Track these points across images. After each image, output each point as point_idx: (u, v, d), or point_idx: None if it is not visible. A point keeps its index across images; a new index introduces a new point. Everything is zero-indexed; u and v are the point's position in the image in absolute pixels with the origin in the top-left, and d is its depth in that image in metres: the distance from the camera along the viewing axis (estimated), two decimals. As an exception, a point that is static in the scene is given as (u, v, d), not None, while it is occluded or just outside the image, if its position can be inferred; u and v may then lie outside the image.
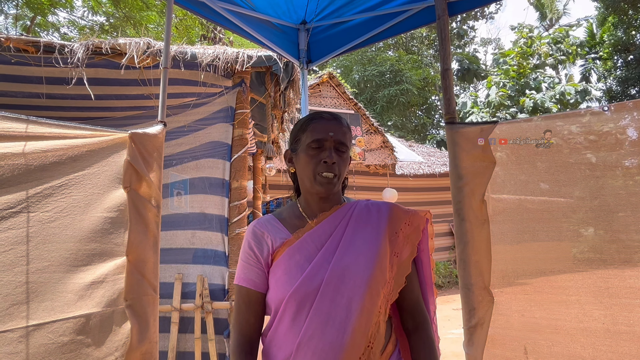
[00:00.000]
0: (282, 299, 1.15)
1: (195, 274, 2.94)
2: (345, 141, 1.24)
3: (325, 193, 1.22)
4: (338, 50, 2.56)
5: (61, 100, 3.18)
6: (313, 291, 1.13)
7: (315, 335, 1.10)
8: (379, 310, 1.15)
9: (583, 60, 20.18)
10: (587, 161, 1.50)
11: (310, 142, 1.22)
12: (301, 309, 1.13)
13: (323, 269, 1.15)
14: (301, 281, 1.14)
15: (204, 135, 3.13)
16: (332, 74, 8.84)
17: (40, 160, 1.35)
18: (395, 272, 1.21)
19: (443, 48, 1.84)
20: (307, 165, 1.22)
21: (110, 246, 1.45)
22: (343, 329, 1.10)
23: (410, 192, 10.57)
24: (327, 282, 1.13)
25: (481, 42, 28.50)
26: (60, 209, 1.36)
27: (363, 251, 1.18)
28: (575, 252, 1.54)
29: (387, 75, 19.66)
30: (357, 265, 1.15)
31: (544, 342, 1.58)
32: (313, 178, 1.21)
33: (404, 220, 1.27)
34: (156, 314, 1.56)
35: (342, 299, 1.12)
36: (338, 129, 1.23)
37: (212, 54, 2.84)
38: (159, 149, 1.67)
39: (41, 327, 1.24)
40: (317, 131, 1.23)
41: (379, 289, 1.15)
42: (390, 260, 1.20)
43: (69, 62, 2.70)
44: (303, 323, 1.12)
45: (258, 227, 1.27)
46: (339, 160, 1.21)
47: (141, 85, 2.99)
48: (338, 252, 1.17)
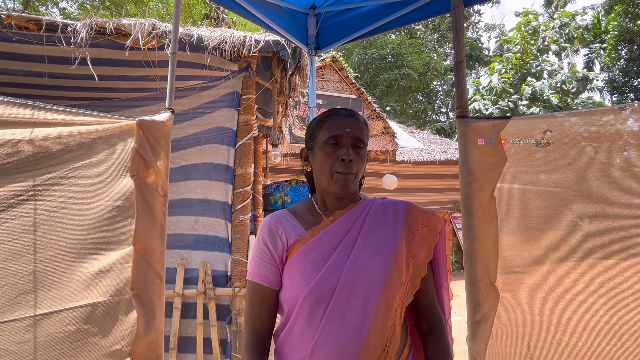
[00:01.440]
0: (296, 299, 1.13)
1: (198, 259, 2.93)
2: (362, 137, 1.21)
3: (342, 193, 1.19)
4: (348, 38, 2.51)
5: (63, 80, 3.13)
6: (328, 291, 1.11)
7: (330, 337, 1.08)
8: (394, 313, 1.13)
9: (587, 49, 19.99)
10: (610, 161, 1.48)
11: (326, 139, 1.19)
12: (316, 309, 1.11)
13: (339, 269, 1.13)
14: (317, 281, 1.12)
15: (209, 120, 3.09)
16: (335, 58, 8.73)
17: (48, 148, 1.32)
18: (411, 274, 1.19)
19: (457, 39, 1.79)
20: (324, 163, 1.19)
21: (117, 235, 1.44)
22: (359, 332, 1.08)
23: (410, 178, 10.57)
24: (343, 282, 1.11)
25: (485, 27, 28.15)
26: (68, 197, 1.34)
27: (379, 252, 1.16)
28: (583, 249, 1.53)
29: (389, 58, 19.45)
30: (373, 266, 1.13)
31: (548, 339, 1.58)
32: (330, 176, 1.18)
33: (421, 221, 1.25)
34: (162, 304, 1.55)
35: (358, 300, 1.10)
36: (355, 125, 1.20)
37: (219, 38, 2.78)
38: (167, 136, 1.65)
39: (48, 316, 1.23)
40: (333, 127, 1.20)
41: (395, 291, 1.13)
42: (407, 262, 1.18)
43: (72, 41, 2.64)
44: (318, 324, 1.10)
45: (273, 222, 1.25)
46: (356, 158, 1.18)
47: (145, 67, 2.94)
48: (354, 252, 1.15)
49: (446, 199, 11.26)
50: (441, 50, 25.11)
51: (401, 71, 18.91)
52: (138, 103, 3.35)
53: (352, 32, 2.49)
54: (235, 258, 2.94)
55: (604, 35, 19.72)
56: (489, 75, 17.26)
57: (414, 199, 9.11)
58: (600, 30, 19.87)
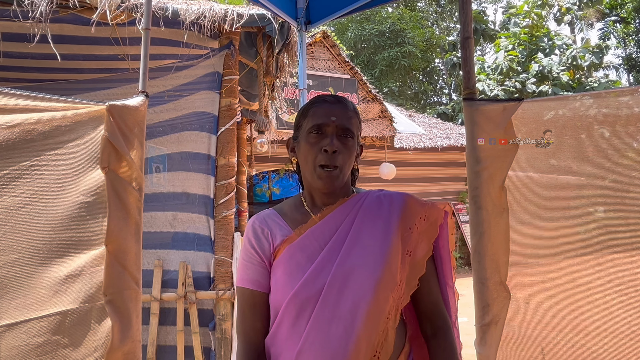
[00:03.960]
0: (281, 303, 1.15)
1: (177, 260, 2.92)
2: (350, 127, 1.21)
3: (325, 188, 1.20)
4: (342, 11, 2.49)
5: (20, 60, 3.08)
6: (314, 295, 1.12)
7: (317, 342, 1.09)
8: (387, 317, 1.14)
9: (602, 23, 20.12)
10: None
11: (309, 127, 1.20)
12: (301, 313, 1.12)
13: (326, 270, 1.14)
14: (301, 283, 1.13)
15: (187, 103, 3.06)
16: (327, 33, 8.68)
17: (6, 137, 1.29)
18: (408, 273, 1.20)
19: (464, 13, 1.79)
20: (307, 155, 1.20)
21: (87, 234, 1.42)
22: (347, 337, 1.09)
23: (410, 167, 10.61)
24: (330, 285, 1.12)
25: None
26: (31, 194, 1.32)
27: (371, 250, 1.16)
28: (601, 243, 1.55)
29: (387, 35, 19.37)
30: (363, 266, 1.14)
31: (564, 342, 1.60)
32: (313, 170, 1.19)
33: (419, 214, 1.25)
34: (139, 310, 1.54)
35: (346, 304, 1.11)
36: (341, 113, 1.20)
37: (197, 11, 2.75)
38: (141, 123, 1.63)
39: (13, 327, 1.22)
40: (317, 116, 1.20)
41: (387, 293, 1.14)
42: (402, 260, 1.19)
43: (30, 16, 2.58)
44: (303, 329, 1.11)
45: (258, 223, 1.26)
46: (341, 149, 1.18)
47: (114, 45, 2.89)
48: (343, 251, 1.16)
49: (449, 189, 11.34)
50: (443, 24, 25.08)
51: (402, 49, 18.84)
52: (105, 85, 3.31)
53: (347, 5, 2.47)
54: (219, 258, 2.93)
55: (619, 9, 19.84)
56: (495, 53, 17.30)
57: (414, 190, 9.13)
58: (616, 2, 19.99)
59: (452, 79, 23.78)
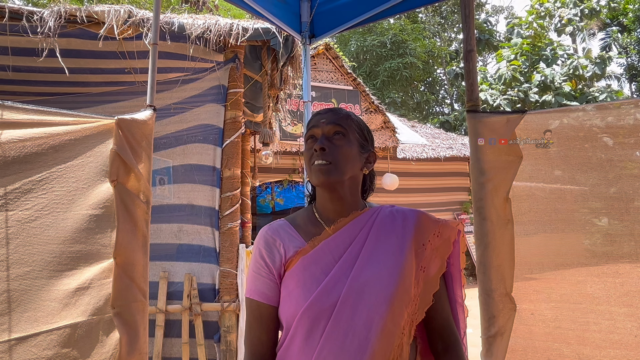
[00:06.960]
0: (294, 315, 1.14)
1: (182, 272, 2.93)
2: (338, 126, 1.24)
3: (319, 182, 1.22)
4: (346, 24, 2.52)
5: (29, 74, 3.11)
6: (329, 308, 1.12)
7: (330, 356, 1.09)
8: (402, 332, 1.14)
9: (603, 33, 20.18)
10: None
11: (306, 136, 1.29)
12: (315, 326, 1.12)
13: (340, 284, 1.14)
14: (316, 296, 1.13)
15: (192, 116, 3.09)
16: (329, 45, 8.74)
17: (18, 151, 1.31)
18: (422, 289, 1.20)
19: (467, 26, 1.81)
20: (306, 159, 1.27)
21: (96, 247, 1.44)
22: (362, 352, 1.09)
23: (413, 177, 10.60)
24: (344, 298, 1.12)
25: (492, 10, 28.29)
26: (42, 207, 1.34)
27: (385, 265, 1.17)
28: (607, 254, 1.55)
29: (389, 46, 19.47)
30: (378, 281, 1.14)
31: (570, 354, 1.60)
32: (309, 169, 1.24)
33: (433, 231, 1.26)
34: (146, 322, 1.55)
35: (361, 318, 1.11)
36: (330, 116, 1.26)
37: (203, 26, 2.79)
38: (148, 136, 1.65)
39: (24, 340, 1.23)
40: (310, 124, 1.29)
41: (402, 308, 1.14)
42: (416, 276, 1.19)
43: (39, 31, 2.62)
44: (317, 343, 1.11)
45: (270, 233, 1.26)
46: (329, 146, 1.22)
47: (120, 58, 2.92)
48: (357, 264, 1.16)
49: (452, 199, 11.31)
50: (445, 35, 25.20)
51: (404, 60, 18.94)
52: (113, 98, 3.34)
53: (350, 19, 2.50)
54: (224, 269, 2.93)
55: (621, 18, 19.91)
56: (497, 62, 17.36)
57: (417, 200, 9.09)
58: (617, 13, 20.06)
59: (454, 89, 23.85)
